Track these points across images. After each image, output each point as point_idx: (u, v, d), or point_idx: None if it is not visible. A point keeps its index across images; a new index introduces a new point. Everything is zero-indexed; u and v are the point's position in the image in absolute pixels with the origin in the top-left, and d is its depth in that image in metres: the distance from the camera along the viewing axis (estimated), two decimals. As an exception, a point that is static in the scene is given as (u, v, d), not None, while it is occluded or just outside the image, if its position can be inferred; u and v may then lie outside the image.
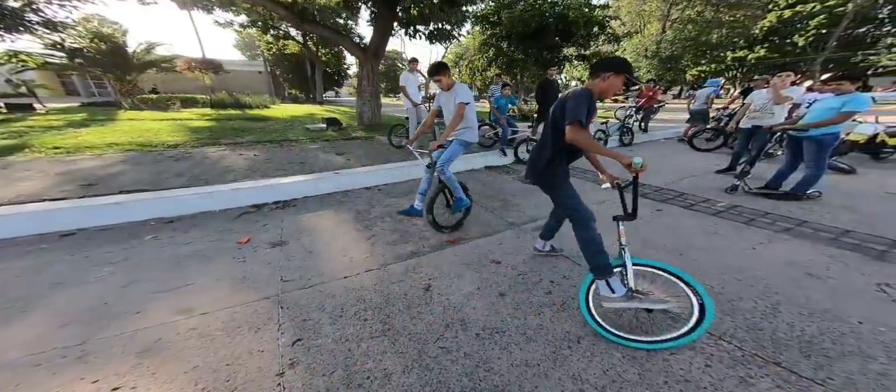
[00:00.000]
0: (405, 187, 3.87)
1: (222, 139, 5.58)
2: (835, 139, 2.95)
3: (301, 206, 3.23)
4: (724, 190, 3.58)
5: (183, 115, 9.13)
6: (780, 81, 3.67)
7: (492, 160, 5.07)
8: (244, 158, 4.64)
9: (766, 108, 3.78)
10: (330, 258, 2.25)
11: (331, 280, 2.00)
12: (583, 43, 13.88)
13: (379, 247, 2.41)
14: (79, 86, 20.75)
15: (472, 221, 2.87)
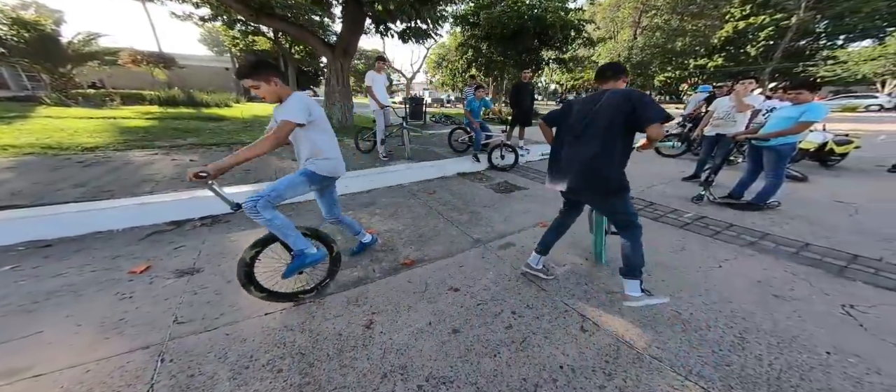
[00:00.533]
0: (367, 197, 3.58)
1: (158, 141, 5.02)
2: (793, 149, 3.00)
3: (235, 222, 2.84)
4: (690, 199, 3.57)
5: (119, 113, 8.27)
6: (742, 89, 3.72)
7: (465, 166, 4.87)
8: (176, 164, 4.16)
9: (730, 115, 3.82)
10: (253, 289, 1.93)
11: (246, 318, 1.68)
12: (560, 46, 14.12)
13: (321, 272, 2.12)
14: (8, 78, 18.49)
15: (435, 239, 2.63)
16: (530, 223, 2.99)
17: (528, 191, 4.00)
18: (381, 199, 3.51)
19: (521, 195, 3.83)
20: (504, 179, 4.48)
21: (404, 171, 4.21)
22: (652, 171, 4.95)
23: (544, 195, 3.81)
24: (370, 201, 3.45)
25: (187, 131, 5.86)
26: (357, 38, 6.96)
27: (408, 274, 2.13)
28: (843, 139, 4.64)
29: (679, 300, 1.88)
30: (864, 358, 1.46)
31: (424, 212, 3.21)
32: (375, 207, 3.28)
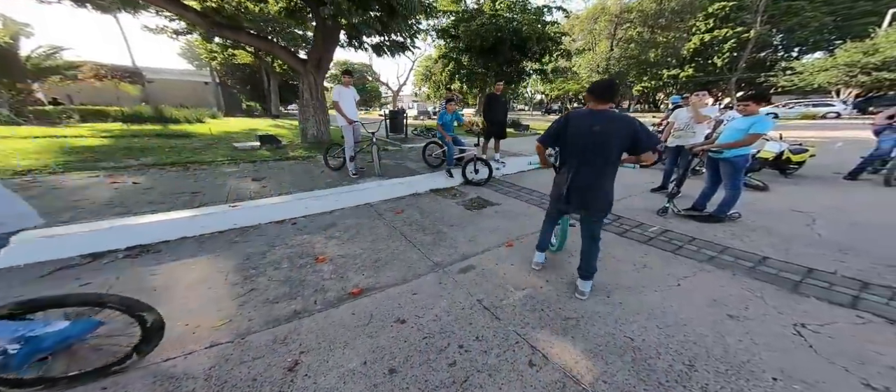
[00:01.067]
0: (329, 219, 3.42)
1: (104, 162, 4.74)
2: (746, 161, 3.06)
3: (167, 252, 2.61)
4: (656, 211, 3.58)
5: (73, 132, 7.87)
6: (697, 100, 3.82)
7: (439, 182, 4.78)
8: (115, 188, 3.92)
9: (689, 127, 3.91)
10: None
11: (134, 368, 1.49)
12: (539, 57, 14.50)
13: (250, 307, 1.95)
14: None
15: (392, 263, 2.51)
16: (496, 243, 2.91)
17: (500, 207, 3.94)
18: (344, 220, 3.37)
19: (493, 211, 3.76)
20: (477, 195, 4.41)
21: (374, 189, 4.08)
22: (624, 183, 4.99)
23: (515, 211, 3.76)
24: (331, 223, 3.30)
25: (143, 150, 5.58)
26: (331, 52, 6.88)
27: (352, 305, 1.99)
28: (799, 148, 4.83)
29: (634, 325, 1.82)
30: (810, 384, 1.41)
31: (387, 233, 3.09)
32: (335, 229, 3.14)
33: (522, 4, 13.68)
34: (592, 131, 1.77)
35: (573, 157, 1.89)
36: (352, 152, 4.59)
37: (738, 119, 3.04)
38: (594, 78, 31.41)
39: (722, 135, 3.19)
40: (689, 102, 3.89)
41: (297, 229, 3.12)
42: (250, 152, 5.92)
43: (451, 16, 14.16)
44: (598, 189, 1.86)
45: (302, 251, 2.67)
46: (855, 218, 3.29)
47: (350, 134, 4.48)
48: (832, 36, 28.10)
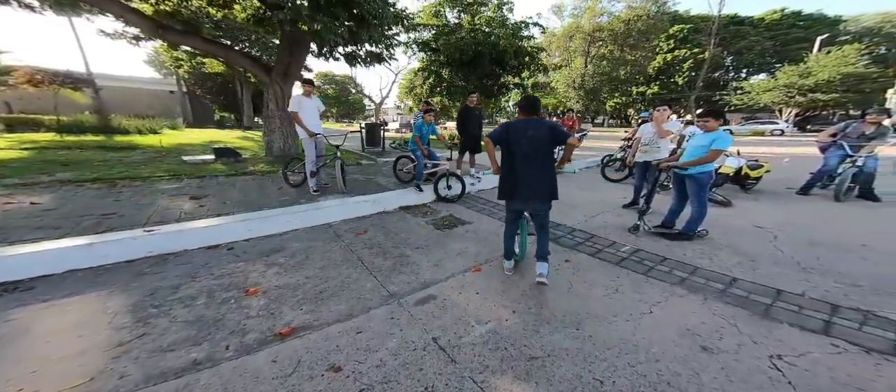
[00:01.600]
0: (278, 241, 3.06)
1: (9, 178, 4.10)
2: (710, 177, 3.06)
3: (42, 290, 2.16)
4: (627, 229, 3.51)
5: None
6: (659, 115, 3.86)
7: (409, 199, 4.51)
8: (4, 210, 3.37)
9: (653, 142, 3.93)
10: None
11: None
12: (518, 72, 14.84)
13: (130, 358, 1.58)
14: None
15: (340, 295, 2.21)
16: (463, 268, 2.68)
17: (472, 225, 3.73)
18: (294, 244, 3.02)
19: (463, 231, 3.55)
20: (449, 212, 4.19)
21: (335, 208, 3.75)
22: (598, 199, 4.97)
23: (487, 230, 3.57)
24: (277, 247, 2.94)
25: (65, 164, 4.91)
26: (299, 61, 6.56)
27: (276, 350, 1.67)
28: (755, 164, 5.04)
29: (603, 364, 1.63)
30: (795, 436, 1.25)
31: (342, 258, 2.78)
32: (280, 255, 2.79)
33: (500, 20, 14.06)
34: (528, 136, 2.22)
35: (516, 158, 2.27)
36: (313, 167, 4.25)
37: (700, 135, 3.06)
38: (571, 93, 32.79)
39: (685, 152, 3.19)
40: (652, 118, 3.93)
41: (232, 255, 2.73)
42: (201, 167, 5.39)
43: (431, 30, 14.30)
44: (542, 178, 2.26)
45: (230, 282, 2.30)
46: (812, 235, 3.36)
47: (311, 147, 4.14)
48: (773, 59, 31.26)
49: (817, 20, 31.04)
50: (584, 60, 32.08)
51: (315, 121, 4.19)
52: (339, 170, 4.20)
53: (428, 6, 15.16)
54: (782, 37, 30.72)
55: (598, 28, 31.05)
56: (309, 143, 4.10)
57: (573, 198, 4.93)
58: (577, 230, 3.57)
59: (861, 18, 30.95)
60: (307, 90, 4.13)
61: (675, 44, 32.46)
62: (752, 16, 33.14)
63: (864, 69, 22.19)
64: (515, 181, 2.28)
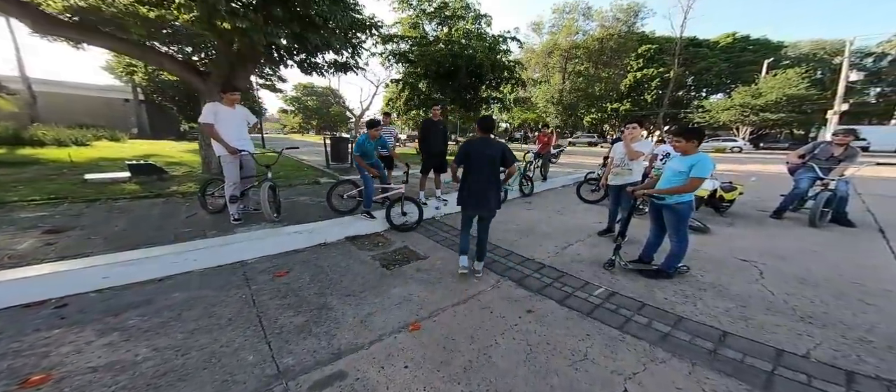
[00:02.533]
0: (149, 291, 2.35)
1: None
2: (690, 208, 2.69)
3: None
4: (602, 265, 3.08)
5: None
6: (628, 133, 3.54)
7: (358, 227, 3.88)
8: None
9: (624, 163, 3.60)
10: None
11: None
12: (497, 85, 14.72)
13: None
14: None
15: (195, 374, 1.55)
16: (397, 325, 2.11)
17: (427, 261, 3.17)
18: (173, 294, 2.32)
19: (414, 269, 2.98)
20: (405, 243, 3.61)
21: (254, 242, 3.06)
22: (572, 224, 4.57)
23: (444, 268, 3.03)
24: (143, 300, 2.23)
25: None
26: (245, 69, 5.83)
27: None
28: (729, 186, 4.88)
29: None
30: None
31: (233, 313, 2.13)
32: (139, 312, 2.09)
33: (478, 33, 13.97)
34: (484, 154, 2.61)
35: (473, 173, 2.68)
36: (234, 191, 3.54)
37: (676, 158, 2.71)
38: (550, 109, 33.55)
39: (661, 177, 2.83)
40: (627, 133, 3.60)
41: (55, 317, 2.00)
42: (104, 188, 4.50)
43: (408, 41, 13.96)
44: (489, 192, 2.67)
45: (10, 366, 1.57)
46: (800, 271, 3.05)
47: (232, 168, 3.43)
48: (728, 80, 33.76)
49: (763, 45, 33.91)
50: (562, 77, 33.10)
51: (239, 135, 3.51)
52: (264, 195, 3.47)
53: (405, 18, 14.89)
54: (735, 59, 33.29)
55: (574, 45, 32.22)
56: (229, 161, 3.41)
57: (546, 224, 4.51)
58: (545, 267, 3.10)
59: (799, 45, 34.22)
60: (230, 98, 3.46)
61: (644, 63, 34.28)
62: (709, 39, 35.83)
63: (805, 91, 24.29)
64: (469, 192, 2.71)
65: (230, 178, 3.43)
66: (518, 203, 5.72)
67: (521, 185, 6.16)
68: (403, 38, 13.89)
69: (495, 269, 3.01)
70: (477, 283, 2.73)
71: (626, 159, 3.54)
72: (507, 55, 14.12)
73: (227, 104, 3.44)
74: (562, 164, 12.16)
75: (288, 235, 3.23)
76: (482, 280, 2.79)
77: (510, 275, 2.92)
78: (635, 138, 3.55)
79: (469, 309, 2.36)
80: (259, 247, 2.99)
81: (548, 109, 33.85)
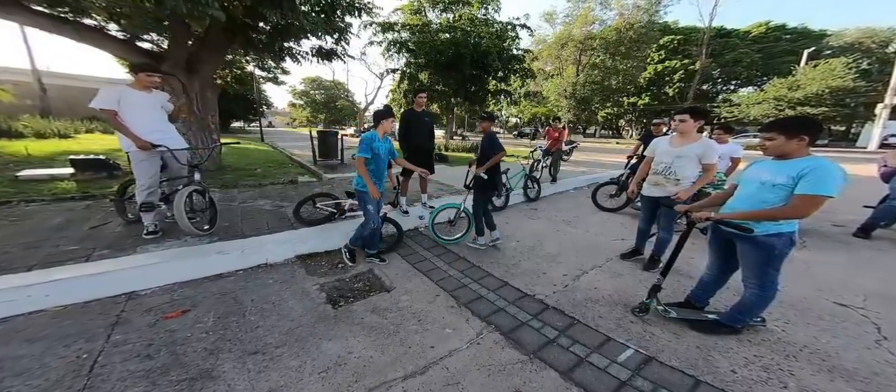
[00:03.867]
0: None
1: None
2: (791, 243, 1.66)
3: None
4: (631, 309, 2.20)
5: None
6: (678, 127, 2.55)
7: (311, 244, 3.04)
8: None
9: (670, 169, 2.62)
10: None
11: None
12: (504, 77, 13.72)
13: None
14: None
15: None
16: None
17: (388, 296, 2.38)
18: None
19: (368, 309, 2.20)
20: (370, 267, 2.82)
21: (158, 266, 2.30)
22: (587, 240, 3.65)
23: (410, 308, 2.24)
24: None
25: None
26: (212, 52, 5.11)
27: None
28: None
29: None
30: None
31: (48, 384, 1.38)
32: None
33: (484, 19, 13.00)
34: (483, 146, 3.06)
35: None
36: (148, 197, 2.76)
37: (766, 164, 1.72)
38: (562, 102, 32.05)
39: (739, 192, 1.86)
40: (672, 127, 2.65)
41: None
42: (31, 185, 3.90)
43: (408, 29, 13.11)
44: None
45: None
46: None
47: (146, 166, 2.69)
48: (759, 72, 31.25)
49: (802, 34, 31.17)
50: (576, 69, 31.47)
51: (154, 126, 2.73)
52: (180, 204, 2.63)
53: (407, 4, 14.04)
54: (769, 49, 30.73)
55: (589, 36, 30.52)
56: (141, 159, 2.65)
57: (554, 240, 3.60)
58: (548, 309, 2.24)
59: (844, 34, 31.25)
60: (144, 80, 2.70)
61: (666, 54, 32.17)
62: (739, 29, 33.22)
63: (852, 83, 21.97)
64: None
65: (141, 180, 2.69)
66: (521, 210, 4.83)
67: (525, 187, 5.25)
68: (405, 27, 13.06)
69: (479, 311, 2.19)
70: (449, 337, 1.92)
71: (672, 162, 2.60)
72: (515, 43, 13.05)
73: (139, 87, 2.69)
74: (575, 162, 11.09)
75: (211, 256, 2.48)
76: (457, 332, 1.97)
77: (498, 321, 2.09)
78: (689, 134, 2.55)
79: (427, 385, 1.55)
80: (162, 272, 2.25)
81: (559, 103, 32.33)
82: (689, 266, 2.87)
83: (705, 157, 2.48)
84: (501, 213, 4.56)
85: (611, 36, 29.28)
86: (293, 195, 4.57)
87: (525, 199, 5.24)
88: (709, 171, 2.52)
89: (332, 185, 5.70)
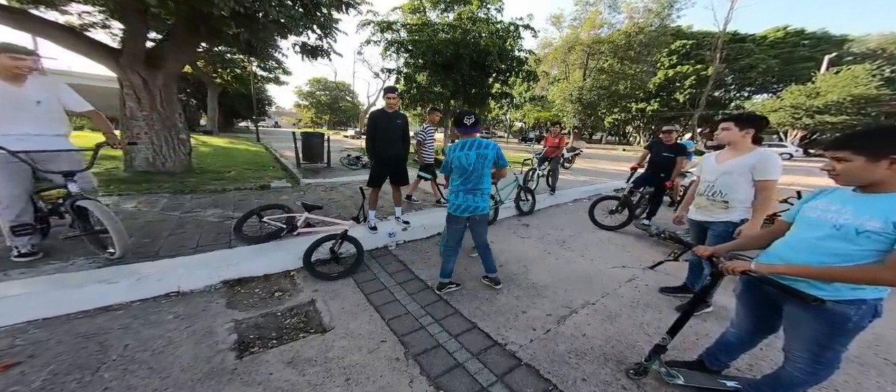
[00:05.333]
0: None
1: None
2: (875, 315, 1.11)
3: None
4: (625, 370, 1.68)
5: None
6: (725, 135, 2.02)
7: (252, 266, 2.63)
8: None
9: (714, 189, 2.06)
10: None
11: None
12: (505, 79, 13.18)
13: None
14: None
15: None
16: None
17: (320, 340, 1.93)
18: None
19: (283, 361, 1.74)
20: (315, 296, 2.37)
21: (17, 298, 1.82)
22: (583, 268, 3.11)
23: (340, 359, 1.79)
24: None
25: None
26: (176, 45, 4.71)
27: None
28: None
29: None
30: None
31: None
32: None
33: (485, 18, 12.51)
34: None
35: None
36: (14, 216, 2.18)
37: (837, 194, 1.16)
38: (568, 107, 31.37)
39: (793, 235, 1.26)
40: (719, 137, 2.06)
41: None
42: None
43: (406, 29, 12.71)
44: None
45: None
46: None
47: (7, 175, 2.10)
48: (774, 79, 30.13)
49: (822, 39, 30.02)
50: (583, 73, 30.79)
51: (20, 128, 2.11)
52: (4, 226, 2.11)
53: (407, 3, 13.65)
54: (786, 55, 29.62)
55: (597, 40, 29.84)
56: (5, 166, 2.08)
57: (543, 267, 3.07)
58: (521, 365, 1.75)
59: (866, 39, 29.99)
60: (5, 66, 2.04)
61: (678, 59, 31.25)
62: (754, 34, 32.13)
63: (875, 90, 20.89)
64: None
65: (2, 191, 2.11)
66: (511, 226, 4.30)
67: (518, 199, 4.72)
68: (403, 26, 12.64)
69: (429, 368, 1.70)
70: None
71: (721, 182, 2.04)
72: (517, 43, 12.52)
73: (4, 76, 2.05)
74: (577, 171, 10.51)
75: (88, 287, 1.98)
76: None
77: (451, 387, 1.59)
78: (738, 145, 2.00)
79: None
80: (15, 307, 1.77)
81: (565, 108, 31.65)
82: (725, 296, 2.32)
83: (759, 170, 1.89)
84: (488, 229, 4.05)
85: (619, 40, 28.57)
86: (254, 203, 4.13)
87: (517, 213, 4.72)
88: (766, 192, 1.91)
89: (304, 191, 5.26)
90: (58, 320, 1.84)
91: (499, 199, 4.23)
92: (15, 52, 2.07)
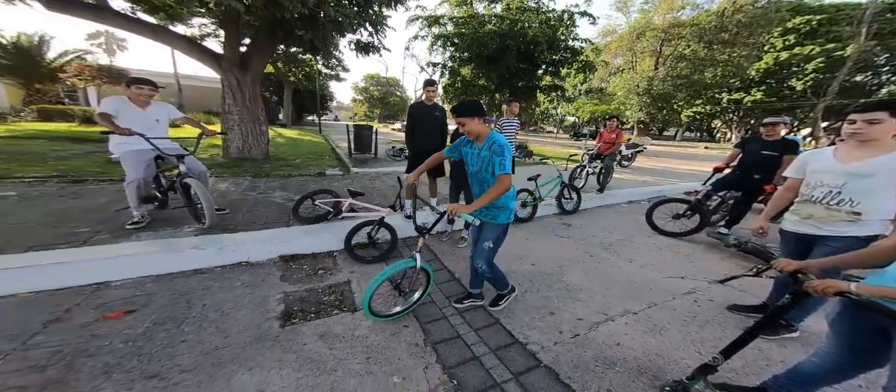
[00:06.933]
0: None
1: None
2: None
3: None
4: (660, 387, 1.48)
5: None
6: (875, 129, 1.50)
7: (302, 245, 2.93)
8: None
9: (839, 196, 1.63)
10: None
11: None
12: (555, 70, 12.40)
13: None
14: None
15: None
16: None
17: (350, 320, 2.10)
18: None
19: (317, 334, 1.94)
20: (352, 277, 2.59)
21: (136, 257, 2.36)
22: (625, 277, 2.81)
23: (368, 338, 1.93)
24: None
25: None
26: (260, 49, 5.58)
27: None
28: None
29: None
30: None
31: None
32: None
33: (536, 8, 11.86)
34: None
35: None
36: (141, 191, 2.91)
37: None
38: (632, 99, 28.01)
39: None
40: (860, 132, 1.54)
41: None
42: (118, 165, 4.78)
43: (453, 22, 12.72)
44: None
45: None
46: None
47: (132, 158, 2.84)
48: (956, 56, 22.00)
49: None
50: (655, 61, 27.03)
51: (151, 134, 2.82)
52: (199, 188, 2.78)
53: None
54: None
55: (676, 23, 25.87)
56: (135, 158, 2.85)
57: (581, 270, 2.85)
58: (540, 367, 1.68)
59: None
60: (134, 95, 2.81)
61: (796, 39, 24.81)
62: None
63: None
64: None
65: (131, 172, 2.84)
66: (549, 225, 4.04)
67: (560, 196, 4.42)
68: (451, 20, 12.66)
69: (445, 357, 1.74)
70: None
71: (852, 186, 1.60)
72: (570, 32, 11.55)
73: (134, 102, 2.81)
74: (636, 169, 9.29)
75: (185, 252, 2.47)
76: (403, 386, 1.55)
77: (463, 377, 1.60)
78: (879, 142, 1.53)
79: None
80: (135, 264, 2.30)
81: (629, 100, 28.17)
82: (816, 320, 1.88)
83: None
84: (523, 226, 3.89)
85: (709, 21, 24.24)
86: (311, 188, 4.66)
87: (559, 211, 4.43)
88: None
89: (352, 179, 5.74)
90: (167, 278, 2.34)
91: (539, 195, 4.02)
92: (140, 83, 2.82)
